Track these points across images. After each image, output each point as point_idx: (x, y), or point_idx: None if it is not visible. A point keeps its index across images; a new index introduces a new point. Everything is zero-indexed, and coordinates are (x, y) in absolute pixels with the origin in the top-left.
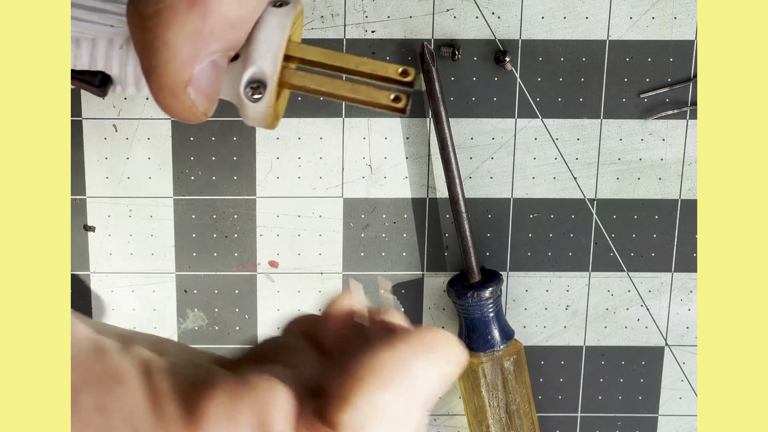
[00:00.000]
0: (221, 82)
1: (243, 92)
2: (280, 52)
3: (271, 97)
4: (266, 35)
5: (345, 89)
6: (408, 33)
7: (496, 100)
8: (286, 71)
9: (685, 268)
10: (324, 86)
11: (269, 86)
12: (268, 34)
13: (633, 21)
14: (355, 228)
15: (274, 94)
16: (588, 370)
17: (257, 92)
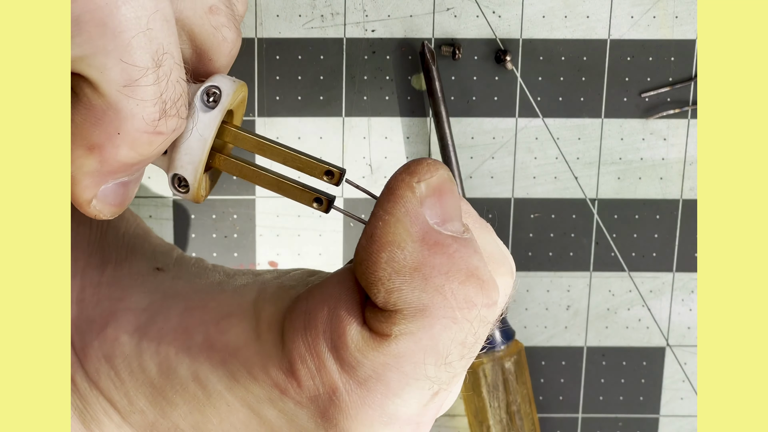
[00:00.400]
0: (132, 190)
1: (170, 185)
2: (201, 164)
3: (194, 192)
4: (188, 146)
5: (270, 183)
6: (408, 32)
7: (497, 100)
8: (217, 157)
9: (686, 268)
10: (251, 178)
11: (192, 187)
12: (190, 145)
13: (634, 20)
14: (356, 228)
15: (197, 189)
16: (589, 370)
17: (182, 187)
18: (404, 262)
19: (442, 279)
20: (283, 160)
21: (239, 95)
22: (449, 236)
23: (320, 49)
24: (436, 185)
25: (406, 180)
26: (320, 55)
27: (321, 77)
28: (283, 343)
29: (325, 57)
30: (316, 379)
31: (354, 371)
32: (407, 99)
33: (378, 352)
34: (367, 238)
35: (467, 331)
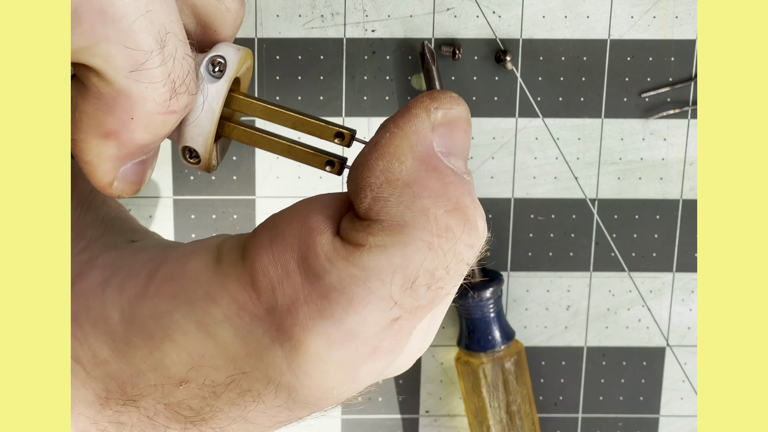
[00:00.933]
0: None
1: (181, 156)
2: (210, 135)
3: (206, 163)
4: (196, 119)
5: (282, 149)
6: (408, 32)
7: (497, 100)
8: (226, 126)
9: (686, 268)
10: (262, 144)
11: (203, 158)
12: (199, 116)
13: (634, 20)
14: None
15: (208, 160)
16: (589, 370)
17: (193, 158)
18: (399, 174)
19: (430, 202)
20: (293, 125)
21: (245, 63)
22: (449, 167)
23: (320, 49)
24: (452, 117)
25: (426, 103)
26: (320, 55)
27: (321, 77)
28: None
29: (325, 57)
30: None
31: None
32: (407, 99)
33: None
34: (370, 146)
35: (440, 261)
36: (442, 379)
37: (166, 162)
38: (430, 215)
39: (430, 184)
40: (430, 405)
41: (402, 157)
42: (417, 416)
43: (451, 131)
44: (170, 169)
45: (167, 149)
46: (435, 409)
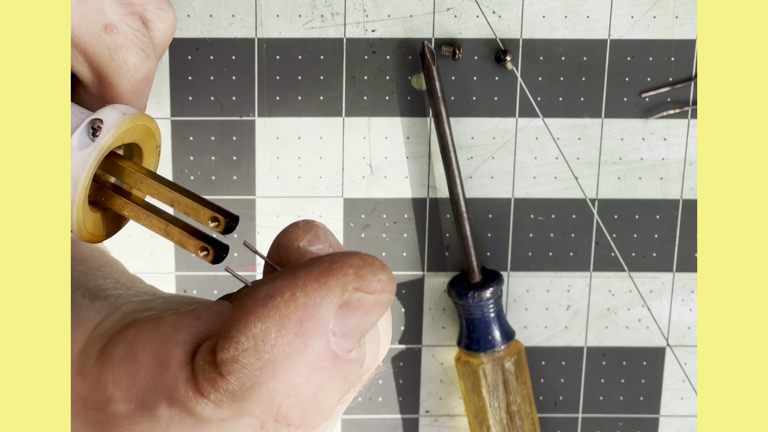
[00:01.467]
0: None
1: None
2: (74, 205)
3: (77, 231)
4: None
5: (159, 227)
6: (408, 32)
7: (497, 100)
8: (106, 195)
9: (686, 268)
10: (141, 219)
11: (72, 228)
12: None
13: (634, 20)
14: (355, 228)
15: (81, 229)
16: (589, 370)
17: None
18: (270, 349)
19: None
20: (171, 202)
21: (132, 128)
22: (329, 353)
23: (320, 49)
24: (368, 304)
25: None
26: (320, 55)
27: (321, 77)
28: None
29: (325, 57)
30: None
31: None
32: (407, 99)
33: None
34: (266, 297)
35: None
36: (442, 379)
37: (166, 161)
38: (275, 401)
39: (296, 370)
40: (430, 405)
41: (285, 329)
42: (417, 416)
43: (358, 316)
44: (170, 169)
45: (167, 149)
46: (435, 409)
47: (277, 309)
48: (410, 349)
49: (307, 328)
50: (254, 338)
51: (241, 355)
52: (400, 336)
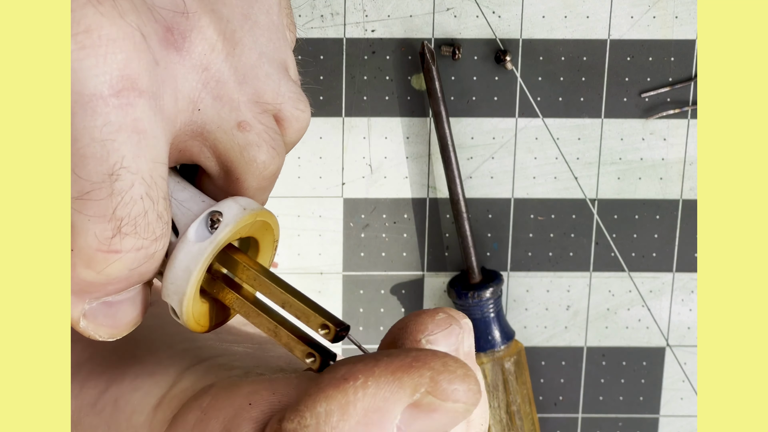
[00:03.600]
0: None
1: (169, 308)
2: (187, 297)
3: (186, 323)
4: (174, 276)
5: (267, 327)
6: (408, 32)
7: (497, 100)
8: (219, 288)
9: (686, 268)
10: (250, 316)
11: (181, 318)
12: (176, 275)
13: (634, 20)
14: (355, 228)
15: (188, 320)
16: (589, 370)
17: (175, 314)
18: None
19: None
20: (282, 303)
21: (250, 224)
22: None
23: (320, 49)
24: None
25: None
26: (320, 55)
27: (321, 77)
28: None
29: (325, 57)
30: None
31: None
32: (407, 99)
33: None
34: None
35: None
36: None
37: None
38: None
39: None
40: None
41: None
42: None
43: (427, 419)
44: None
45: None
46: None
47: (345, 393)
48: None
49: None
50: (317, 417)
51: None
52: None
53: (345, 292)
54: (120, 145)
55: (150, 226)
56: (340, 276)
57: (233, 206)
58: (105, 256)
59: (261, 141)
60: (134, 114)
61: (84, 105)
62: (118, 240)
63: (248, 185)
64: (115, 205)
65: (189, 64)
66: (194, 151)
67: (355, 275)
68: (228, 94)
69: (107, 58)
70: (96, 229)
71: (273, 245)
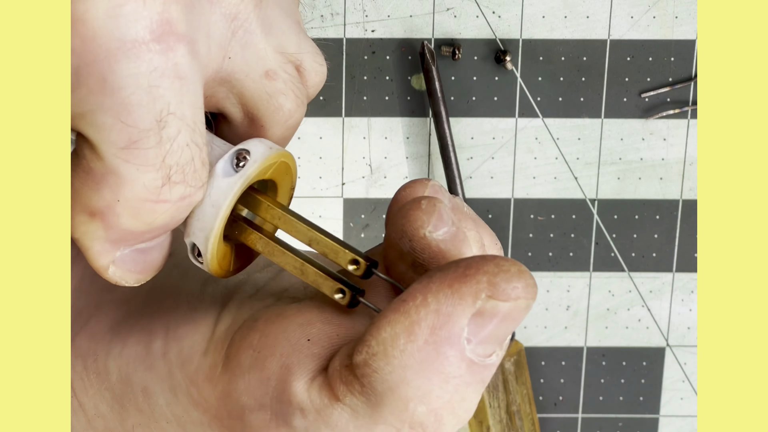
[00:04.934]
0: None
1: (189, 252)
2: (213, 234)
3: (209, 264)
4: (201, 213)
5: (294, 266)
6: (408, 32)
7: (497, 100)
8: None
9: (686, 268)
10: (276, 257)
11: (205, 258)
12: (204, 211)
13: (634, 20)
14: (355, 228)
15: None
16: (589, 370)
17: (199, 256)
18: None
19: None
20: (308, 241)
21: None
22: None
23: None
24: (505, 312)
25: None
26: None
27: None
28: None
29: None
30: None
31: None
32: (407, 99)
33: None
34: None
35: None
36: None
37: None
38: (409, 408)
39: (429, 376)
40: None
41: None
42: None
43: (493, 324)
44: None
45: None
46: None
47: (407, 314)
48: None
49: (438, 335)
50: (383, 342)
51: (372, 359)
52: None
53: None
54: (165, 90)
55: (197, 173)
56: None
57: (259, 145)
58: (153, 206)
59: (287, 89)
60: (175, 59)
61: (127, 52)
62: (167, 189)
63: (273, 132)
64: (164, 153)
65: (219, 11)
66: (220, 98)
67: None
68: (256, 43)
69: (147, 3)
70: (145, 178)
71: (290, 189)
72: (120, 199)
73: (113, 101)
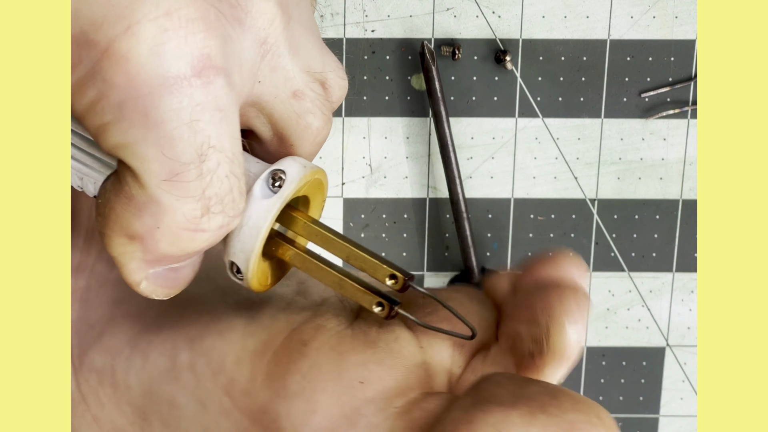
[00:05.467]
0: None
1: (228, 269)
2: (253, 254)
3: (248, 281)
4: (241, 234)
5: (332, 280)
6: (408, 32)
7: (497, 100)
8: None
9: (686, 268)
10: (314, 272)
11: (245, 277)
12: (243, 232)
13: (634, 20)
14: (355, 228)
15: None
16: (589, 370)
17: (238, 273)
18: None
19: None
20: (347, 257)
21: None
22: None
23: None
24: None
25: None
26: None
27: None
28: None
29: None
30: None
31: None
32: (407, 99)
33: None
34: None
35: None
36: None
37: None
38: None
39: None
40: None
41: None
42: None
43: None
44: None
45: None
46: None
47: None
48: None
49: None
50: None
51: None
52: None
53: None
54: (205, 124)
55: (234, 203)
56: None
57: (294, 164)
58: (192, 235)
59: (315, 108)
60: (215, 92)
61: (169, 87)
62: (206, 219)
63: (302, 150)
64: (204, 186)
65: (251, 37)
66: (250, 117)
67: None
68: (283, 65)
69: (188, 39)
70: (185, 209)
71: (322, 204)
72: (160, 226)
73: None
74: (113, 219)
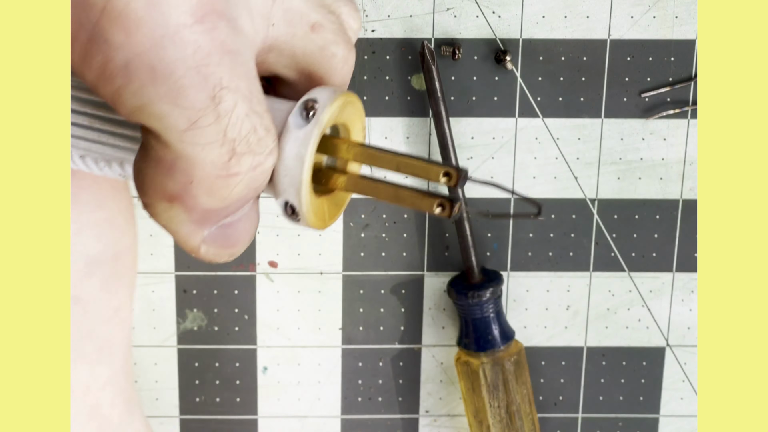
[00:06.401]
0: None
1: (283, 215)
2: (303, 184)
3: (306, 217)
4: (285, 167)
5: (388, 195)
6: (408, 32)
7: (497, 100)
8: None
9: (686, 268)
10: (368, 191)
11: (301, 211)
12: (287, 165)
13: (634, 20)
14: (355, 228)
15: (307, 213)
16: (589, 370)
17: (294, 215)
18: None
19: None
20: (396, 167)
21: (343, 105)
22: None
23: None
24: None
25: None
26: None
27: None
28: None
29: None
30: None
31: None
32: (407, 99)
33: None
34: None
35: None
36: (442, 379)
37: None
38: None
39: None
40: (430, 405)
41: None
42: (417, 416)
43: None
44: None
45: None
46: (435, 409)
47: None
48: (410, 349)
49: None
50: None
51: None
52: (400, 336)
53: (345, 292)
54: (215, 67)
55: (262, 141)
56: (340, 276)
57: (323, 91)
58: (225, 181)
59: (336, 37)
60: (220, 36)
61: (172, 38)
62: (236, 161)
63: (333, 81)
64: (224, 127)
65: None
66: (271, 63)
67: (355, 275)
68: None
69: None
70: (212, 155)
71: (362, 128)
72: (193, 180)
73: (166, 88)
74: (148, 184)
